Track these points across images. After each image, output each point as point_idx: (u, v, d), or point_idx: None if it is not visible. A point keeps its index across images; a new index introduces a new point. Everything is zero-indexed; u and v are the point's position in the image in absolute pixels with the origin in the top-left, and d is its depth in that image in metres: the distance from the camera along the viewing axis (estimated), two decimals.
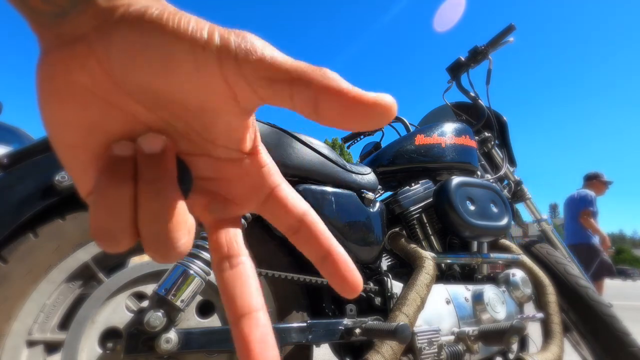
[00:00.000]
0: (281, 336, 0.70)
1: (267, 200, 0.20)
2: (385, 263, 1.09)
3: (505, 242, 1.24)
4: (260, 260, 0.82)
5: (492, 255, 1.16)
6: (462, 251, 1.16)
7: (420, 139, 1.19)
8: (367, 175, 1.00)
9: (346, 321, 0.78)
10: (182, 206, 0.16)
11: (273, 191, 0.20)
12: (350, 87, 0.14)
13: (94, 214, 0.15)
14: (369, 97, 0.14)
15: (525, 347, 1.14)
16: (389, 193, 1.16)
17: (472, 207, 1.08)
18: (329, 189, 0.88)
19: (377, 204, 0.97)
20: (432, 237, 1.10)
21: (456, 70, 1.50)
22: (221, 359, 0.76)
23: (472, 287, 1.03)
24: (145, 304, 0.66)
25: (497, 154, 1.53)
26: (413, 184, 1.14)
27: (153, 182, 0.15)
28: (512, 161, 1.55)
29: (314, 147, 0.89)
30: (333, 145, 17.99)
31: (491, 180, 1.35)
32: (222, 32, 0.14)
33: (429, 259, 0.95)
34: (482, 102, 1.47)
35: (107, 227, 0.15)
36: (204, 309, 0.76)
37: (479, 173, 1.32)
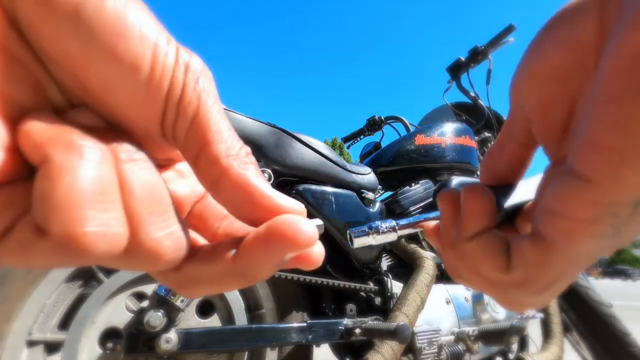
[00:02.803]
0: (281, 336, 0.70)
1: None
2: (385, 263, 1.09)
3: None
4: None
5: None
6: None
7: (420, 139, 1.19)
8: (367, 175, 1.00)
9: (346, 321, 0.78)
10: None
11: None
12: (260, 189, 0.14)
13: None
14: (278, 204, 0.14)
15: (525, 347, 1.14)
16: (389, 193, 1.16)
17: None
18: (329, 189, 0.88)
19: (377, 204, 0.97)
20: None
21: (456, 70, 1.50)
22: (221, 359, 0.76)
23: None
24: (145, 304, 0.66)
25: None
26: (413, 184, 1.14)
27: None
28: None
29: (314, 147, 0.89)
30: (333, 145, 18.00)
31: None
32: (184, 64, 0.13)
33: (429, 259, 0.96)
34: (482, 102, 1.47)
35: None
36: (204, 309, 0.76)
37: (479, 173, 1.32)
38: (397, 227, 0.21)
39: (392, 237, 0.21)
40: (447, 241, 0.19)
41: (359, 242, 0.20)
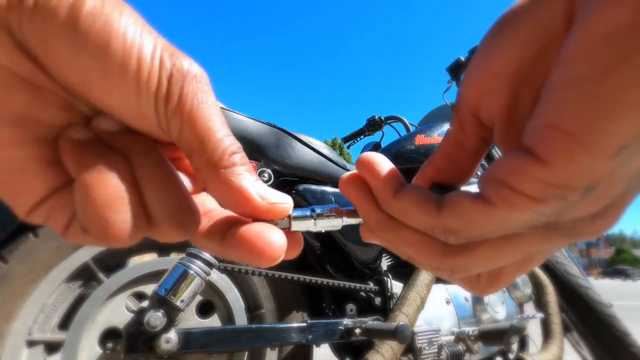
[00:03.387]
0: (281, 336, 0.70)
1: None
2: (385, 263, 1.09)
3: None
4: None
5: None
6: None
7: (421, 139, 1.19)
8: None
9: (346, 321, 0.78)
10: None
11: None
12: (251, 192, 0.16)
13: (91, 208, 0.14)
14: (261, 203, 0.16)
15: (525, 347, 1.14)
16: None
17: None
18: (329, 189, 0.88)
19: None
20: None
21: (456, 70, 1.50)
22: (221, 359, 0.76)
23: None
24: (145, 304, 0.66)
25: (497, 153, 1.53)
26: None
27: (148, 160, 0.15)
28: None
29: (314, 147, 0.89)
30: (333, 145, 17.99)
31: None
32: (172, 69, 0.14)
33: None
34: None
35: (114, 218, 0.14)
36: (204, 309, 0.76)
37: (478, 173, 1.32)
38: (342, 212, 0.19)
39: (336, 223, 0.19)
40: (376, 220, 0.18)
41: (297, 226, 0.18)
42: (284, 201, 0.17)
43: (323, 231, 0.19)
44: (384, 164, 0.17)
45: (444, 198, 0.16)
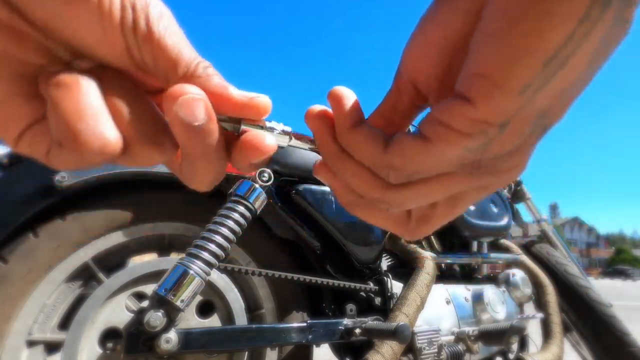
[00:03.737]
0: (281, 336, 0.70)
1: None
2: (385, 263, 1.09)
3: (505, 242, 1.24)
4: (260, 260, 0.82)
5: (492, 255, 1.16)
6: (462, 251, 1.16)
7: None
8: None
9: (346, 321, 0.78)
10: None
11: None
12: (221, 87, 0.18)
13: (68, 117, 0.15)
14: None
15: (525, 347, 1.14)
16: None
17: (472, 207, 1.08)
18: (329, 189, 0.88)
19: None
20: (432, 237, 1.11)
21: None
22: (221, 359, 0.76)
23: (472, 287, 1.03)
24: (145, 304, 0.66)
25: None
26: None
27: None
28: None
29: None
30: None
31: None
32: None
33: (428, 259, 0.96)
34: None
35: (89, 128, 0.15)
36: (204, 309, 0.76)
37: None
38: (291, 133, 0.22)
39: (284, 140, 0.22)
40: (331, 150, 0.21)
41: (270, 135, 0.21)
42: (260, 95, 0.19)
43: (280, 145, 0.22)
44: (350, 99, 0.20)
45: (391, 139, 0.19)
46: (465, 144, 0.17)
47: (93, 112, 0.15)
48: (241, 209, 0.62)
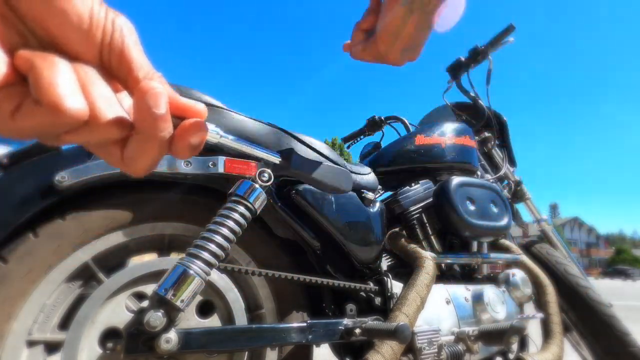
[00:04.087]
0: (281, 336, 0.70)
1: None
2: (385, 263, 1.09)
3: (505, 242, 1.24)
4: (260, 260, 0.82)
5: (492, 255, 1.16)
6: (462, 251, 1.16)
7: (420, 139, 1.19)
8: (367, 175, 1.00)
9: (346, 321, 0.78)
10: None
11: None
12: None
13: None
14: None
15: (525, 347, 1.14)
16: (389, 193, 1.15)
17: (472, 207, 1.08)
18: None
19: (377, 204, 0.97)
20: (432, 237, 1.10)
21: (456, 70, 1.50)
22: (221, 359, 0.76)
23: (472, 287, 1.03)
24: (145, 304, 0.66)
25: (497, 154, 1.53)
26: (413, 184, 1.14)
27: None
28: (512, 161, 1.55)
29: (314, 147, 0.89)
30: (333, 145, 17.98)
31: (491, 180, 1.35)
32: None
33: (429, 259, 0.95)
34: (482, 102, 1.47)
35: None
36: (204, 309, 0.76)
37: (479, 173, 1.32)
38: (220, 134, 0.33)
39: (215, 137, 0.30)
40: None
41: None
42: (198, 103, 0.25)
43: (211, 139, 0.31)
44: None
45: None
46: None
47: (69, 82, 0.19)
48: (241, 209, 0.62)
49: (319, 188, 0.69)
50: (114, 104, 0.22)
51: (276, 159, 0.65)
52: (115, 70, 0.22)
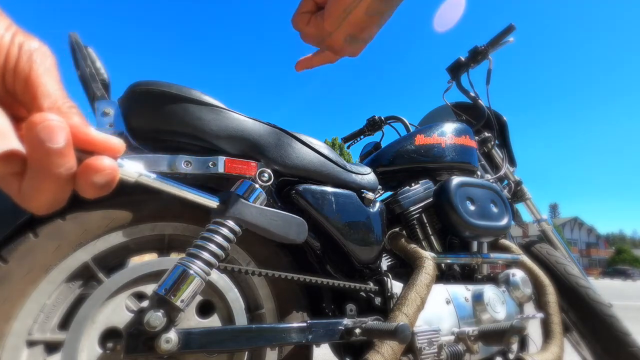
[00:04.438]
0: (281, 336, 0.70)
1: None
2: (385, 263, 1.09)
3: (505, 242, 1.24)
4: (260, 260, 0.82)
5: (492, 255, 1.16)
6: (462, 251, 1.16)
7: (420, 139, 1.19)
8: (367, 175, 1.00)
9: (346, 321, 0.78)
10: None
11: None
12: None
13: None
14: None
15: (525, 347, 1.14)
16: (389, 193, 1.16)
17: (472, 207, 1.08)
18: (329, 189, 0.88)
19: (377, 204, 0.97)
20: (432, 237, 1.10)
21: (456, 70, 1.50)
22: (221, 359, 0.76)
23: (472, 287, 1.03)
24: (145, 304, 0.66)
25: (497, 154, 1.53)
26: (413, 184, 1.14)
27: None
28: (512, 161, 1.56)
29: (314, 147, 0.89)
30: (333, 145, 17.97)
31: (491, 180, 1.35)
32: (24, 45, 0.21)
33: (429, 259, 0.95)
34: (482, 102, 1.47)
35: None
36: (204, 309, 0.76)
37: (479, 173, 1.32)
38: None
39: (132, 175, 0.29)
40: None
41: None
42: (114, 137, 0.23)
43: (127, 177, 0.33)
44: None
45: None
46: None
47: None
48: None
49: (267, 236, 0.66)
50: (5, 135, 0.20)
51: (214, 204, 0.62)
52: (20, 96, 0.21)
